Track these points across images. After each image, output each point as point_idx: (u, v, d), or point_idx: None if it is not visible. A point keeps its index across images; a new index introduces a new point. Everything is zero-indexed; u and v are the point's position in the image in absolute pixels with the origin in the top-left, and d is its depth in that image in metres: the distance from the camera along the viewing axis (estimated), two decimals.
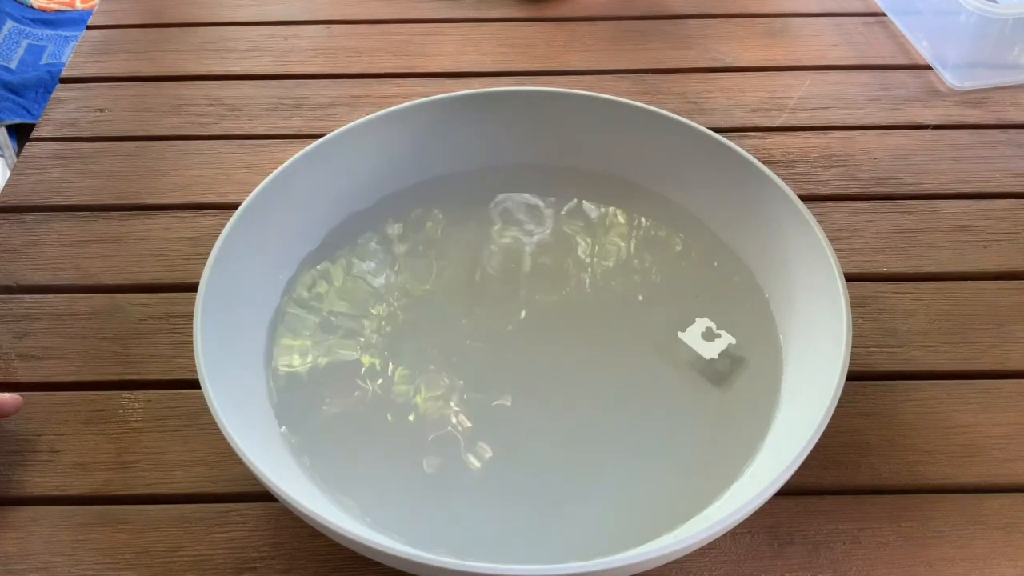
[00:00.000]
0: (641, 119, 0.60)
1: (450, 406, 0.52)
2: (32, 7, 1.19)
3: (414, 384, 0.53)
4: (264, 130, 0.71)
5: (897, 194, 0.66)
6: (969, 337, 0.57)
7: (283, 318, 0.55)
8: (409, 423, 0.51)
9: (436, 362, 0.54)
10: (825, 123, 0.72)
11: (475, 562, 0.39)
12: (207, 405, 0.44)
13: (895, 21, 0.82)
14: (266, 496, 0.49)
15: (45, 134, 0.71)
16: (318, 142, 0.58)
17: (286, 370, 0.53)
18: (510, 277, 0.58)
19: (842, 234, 0.63)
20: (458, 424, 0.51)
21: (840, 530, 0.48)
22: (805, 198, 0.54)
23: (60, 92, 0.75)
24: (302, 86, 0.76)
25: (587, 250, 0.60)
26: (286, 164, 0.56)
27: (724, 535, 0.45)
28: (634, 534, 0.45)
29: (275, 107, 0.73)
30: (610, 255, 0.60)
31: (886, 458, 0.51)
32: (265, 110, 0.73)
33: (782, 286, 0.55)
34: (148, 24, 0.83)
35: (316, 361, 0.53)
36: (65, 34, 1.17)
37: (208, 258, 0.51)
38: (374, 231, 0.60)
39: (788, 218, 0.54)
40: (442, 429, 0.51)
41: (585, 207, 0.62)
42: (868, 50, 0.80)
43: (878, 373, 0.55)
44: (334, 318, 0.56)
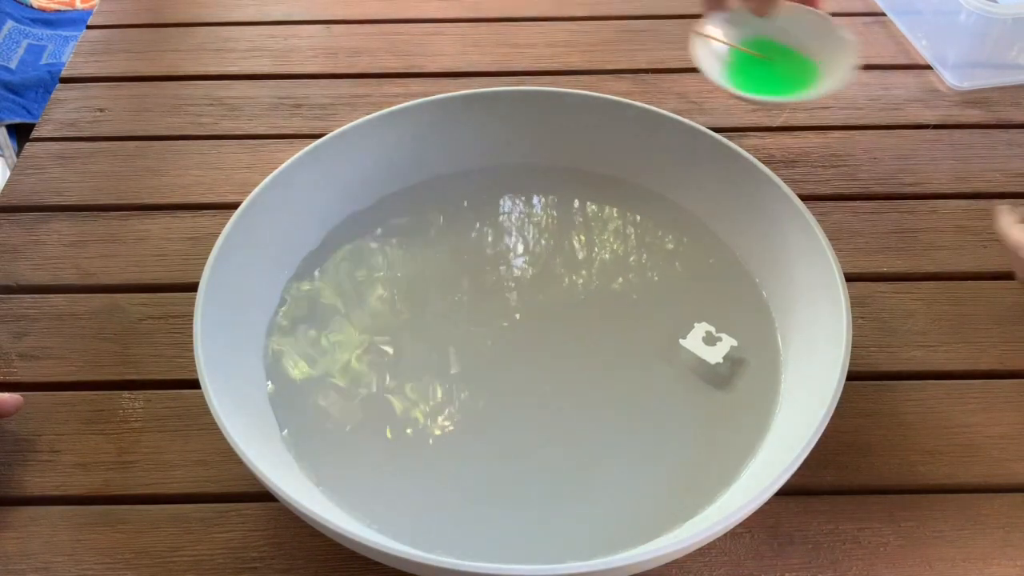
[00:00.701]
0: (641, 119, 0.60)
1: (450, 406, 0.52)
2: (32, 7, 1.19)
3: (414, 384, 0.53)
4: (264, 130, 0.71)
5: (897, 194, 0.66)
6: (969, 337, 0.57)
7: (283, 318, 0.55)
8: (409, 423, 0.51)
9: (436, 362, 0.54)
10: (825, 123, 0.72)
11: (475, 562, 0.39)
12: (207, 405, 0.44)
13: (895, 21, 0.82)
14: (266, 496, 0.49)
15: (45, 134, 0.71)
16: (318, 142, 0.58)
17: (286, 370, 0.53)
18: (510, 277, 0.58)
19: (842, 234, 0.63)
20: (458, 424, 0.51)
21: (840, 530, 0.48)
22: (805, 198, 0.54)
23: (60, 92, 0.75)
24: (302, 86, 0.76)
25: (587, 250, 0.60)
26: (286, 164, 0.56)
27: (724, 535, 0.45)
28: (634, 534, 0.45)
29: (275, 107, 0.73)
30: (610, 255, 0.60)
31: (886, 458, 0.51)
32: (265, 110, 0.73)
33: (782, 286, 0.55)
34: (148, 24, 0.83)
35: (316, 361, 0.53)
36: (65, 34, 1.17)
37: (208, 258, 0.51)
38: (373, 231, 0.60)
39: (788, 218, 0.54)
40: (442, 429, 0.51)
41: (585, 207, 0.62)
42: (868, 50, 0.79)
43: (878, 373, 0.55)
44: (333, 318, 0.56)
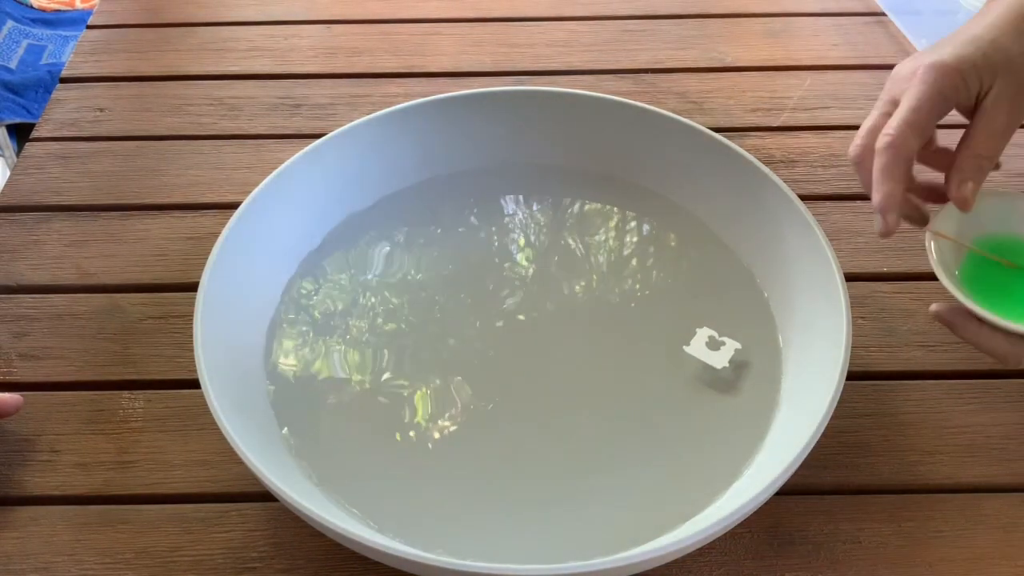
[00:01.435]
0: (641, 119, 0.60)
1: (450, 406, 0.52)
2: (32, 7, 1.19)
3: (415, 384, 0.53)
4: (264, 130, 0.71)
5: None
6: None
7: (283, 318, 0.55)
8: (409, 423, 0.51)
9: (436, 362, 0.54)
10: (825, 123, 0.72)
11: (475, 562, 0.39)
12: (207, 405, 0.44)
13: (895, 21, 0.82)
14: (266, 496, 0.49)
15: (45, 134, 0.71)
16: (318, 142, 0.58)
17: (286, 370, 0.53)
18: (510, 278, 0.58)
19: (842, 234, 0.63)
20: (458, 424, 0.51)
21: (840, 530, 0.48)
22: (805, 198, 0.54)
23: (60, 92, 0.75)
24: (302, 86, 0.76)
25: (586, 250, 0.60)
26: (286, 164, 0.56)
27: (724, 535, 0.45)
28: (634, 534, 0.45)
29: (275, 107, 0.73)
30: (610, 255, 0.60)
31: (886, 458, 0.51)
32: (265, 110, 0.73)
33: (782, 286, 0.55)
34: (148, 24, 0.83)
35: (316, 361, 0.53)
36: (65, 34, 1.17)
37: (208, 258, 0.51)
38: (374, 231, 0.60)
39: (788, 218, 0.54)
40: (442, 430, 0.51)
41: (585, 207, 0.62)
42: (868, 50, 0.80)
43: (878, 373, 0.55)
44: (334, 318, 0.56)
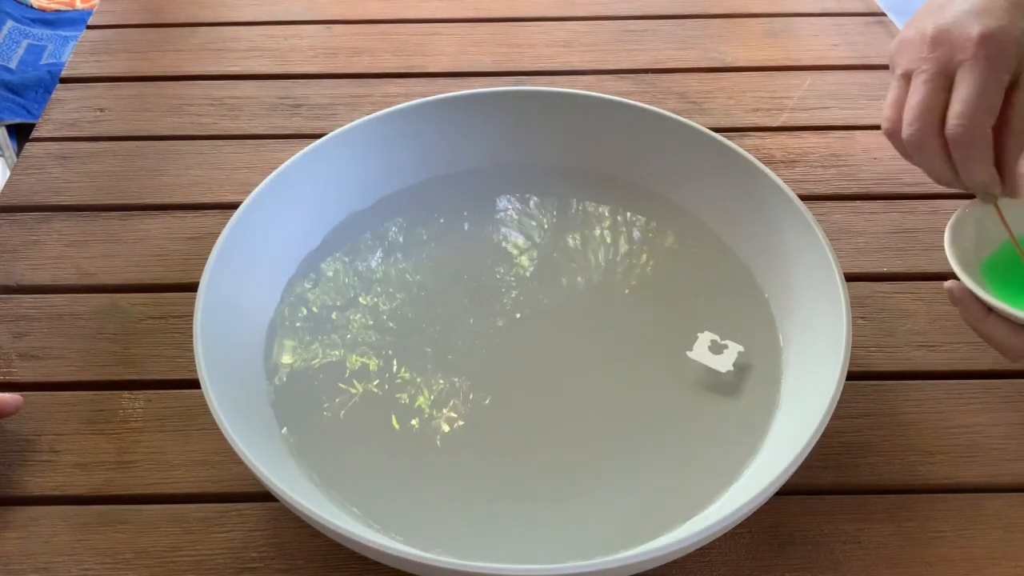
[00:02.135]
0: (641, 119, 0.60)
1: (450, 406, 0.52)
2: (32, 7, 1.19)
3: (414, 384, 0.53)
4: (264, 130, 0.71)
5: (897, 194, 0.66)
6: (969, 337, 0.57)
7: (283, 318, 0.55)
8: (409, 423, 0.51)
9: (436, 362, 0.54)
10: (825, 123, 0.72)
11: (475, 562, 0.39)
12: (207, 405, 0.44)
13: (895, 21, 0.82)
14: (266, 496, 0.49)
15: (45, 134, 0.71)
16: (318, 142, 0.58)
17: (286, 370, 0.53)
18: (510, 277, 0.58)
19: (842, 234, 0.63)
20: (458, 424, 0.51)
21: (840, 530, 0.48)
22: (805, 198, 0.54)
23: (60, 92, 0.75)
24: (302, 86, 0.76)
25: (586, 250, 0.60)
26: (286, 164, 0.56)
27: (724, 535, 0.45)
28: (634, 534, 0.45)
29: (275, 107, 0.73)
30: (609, 255, 0.60)
31: (886, 458, 0.51)
32: (265, 110, 0.73)
33: (782, 286, 0.55)
34: (148, 24, 0.83)
35: (316, 361, 0.53)
36: (65, 34, 1.17)
37: (208, 258, 0.51)
38: (374, 231, 0.60)
39: (788, 218, 0.54)
40: (442, 430, 0.51)
41: (585, 207, 0.62)
42: (868, 50, 0.80)
43: (878, 373, 0.55)
44: (334, 318, 0.56)
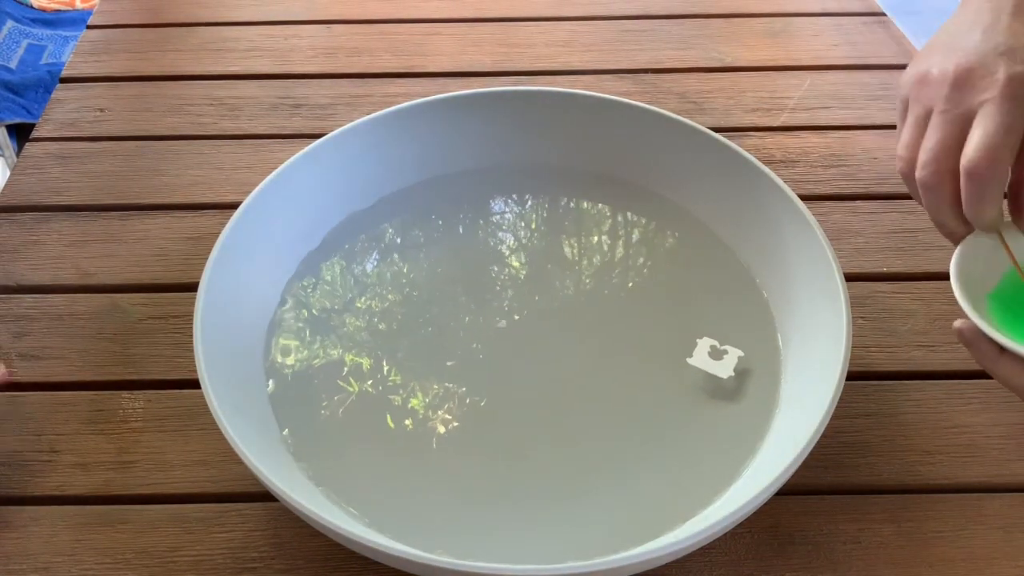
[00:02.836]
0: (641, 119, 0.60)
1: (449, 406, 0.52)
2: (32, 7, 1.19)
3: (414, 385, 0.53)
4: (264, 130, 0.71)
5: (897, 194, 0.66)
6: None
7: (283, 318, 0.55)
8: (409, 423, 0.51)
9: (436, 363, 0.54)
10: (825, 123, 0.72)
11: (475, 562, 0.39)
12: (207, 405, 0.44)
13: (895, 21, 0.82)
14: (266, 496, 0.49)
15: (45, 134, 0.71)
16: (318, 142, 0.58)
17: (286, 370, 0.53)
18: (510, 277, 0.58)
19: (842, 234, 0.63)
20: (458, 425, 0.51)
21: (840, 530, 0.48)
22: (805, 198, 0.54)
23: (60, 92, 0.75)
24: (302, 86, 0.76)
25: (586, 250, 0.60)
26: (286, 164, 0.56)
27: (724, 535, 0.45)
28: (634, 534, 0.45)
29: (275, 107, 0.73)
30: (609, 255, 0.60)
31: (886, 458, 0.51)
32: (265, 110, 0.73)
33: (782, 286, 0.55)
34: (148, 24, 0.83)
35: (315, 361, 0.53)
36: (65, 34, 1.17)
37: (208, 258, 0.51)
38: (373, 231, 0.60)
39: (788, 218, 0.54)
40: (442, 430, 0.51)
41: (585, 207, 0.62)
42: (868, 50, 0.79)
43: (878, 373, 0.55)
44: (333, 318, 0.56)
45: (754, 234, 0.57)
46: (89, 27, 0.83)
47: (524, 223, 0.61)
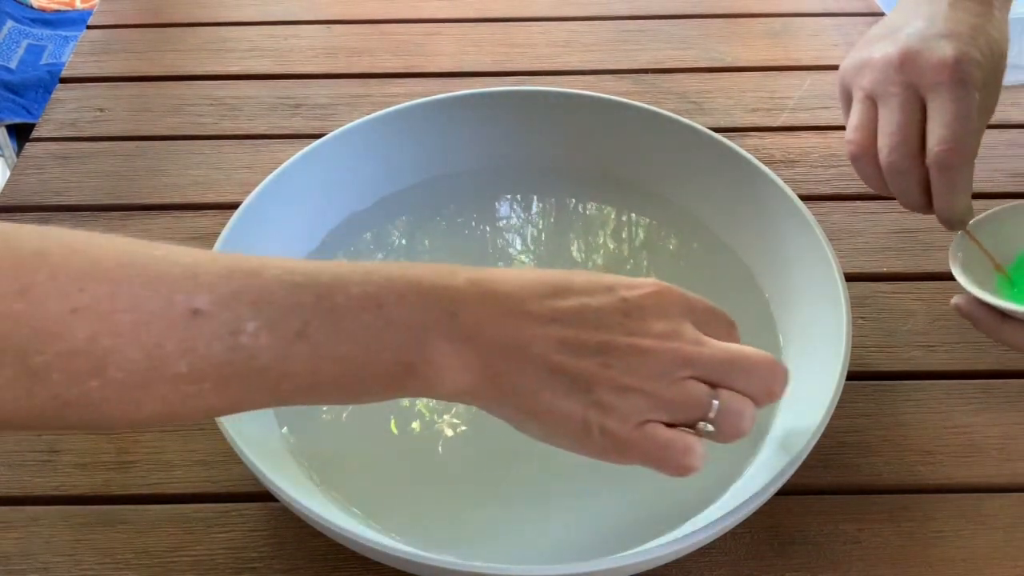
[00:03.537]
0: (641, 119, 0.60)
1: (450, 407, 0.52)
2: (32, 7, 1.19)
3: None
4: (264, 130, 0.71)
5: None
6: (969, 337, 0.57)
7: None
8: (409, 424, 0.51)
9: None
10: (825, 123, 0.72)
11: (475, 562, 0.39)
12: None
13: None
14: (266, 496, 0.49)
15: (45, 134, 0.71)
16: (318, 142, 0.57)
17: None
18: None
19: (842, 234, 0.63)
20: (458, 424, 0.51)
21: (840, 530, 0.48)
22: (805, 198, 0.54)
23: (60, 92, 0.75)
24: (302, 86, 0.76)
25: (586, 250, 0.60)
26: (286, 164, 0.56)
27: (724, 535, 0.45)
28: (634, 534, 0.45)
29: (275, 107, 0.73)
30: (609, 255, 0.60)
31: (886, 458, 0.51)
32: (265, 110, 0.73)
33: (782, 286, 0.55)
34: (148, 24, 0.83)
35: None
36: (65, 34, 1.17)
37: None
38: (373, 231, 0.60)
39: (788, 218, 0.54)
40: (442, 430, 0.51)
41: (585, 207, 0.62)
42: None
43: (878, 373, 0.55)
44: None
45: (754, 234, 0.57)
46: (89, 27, 0.83)
47: (523, 223, 0.61)
